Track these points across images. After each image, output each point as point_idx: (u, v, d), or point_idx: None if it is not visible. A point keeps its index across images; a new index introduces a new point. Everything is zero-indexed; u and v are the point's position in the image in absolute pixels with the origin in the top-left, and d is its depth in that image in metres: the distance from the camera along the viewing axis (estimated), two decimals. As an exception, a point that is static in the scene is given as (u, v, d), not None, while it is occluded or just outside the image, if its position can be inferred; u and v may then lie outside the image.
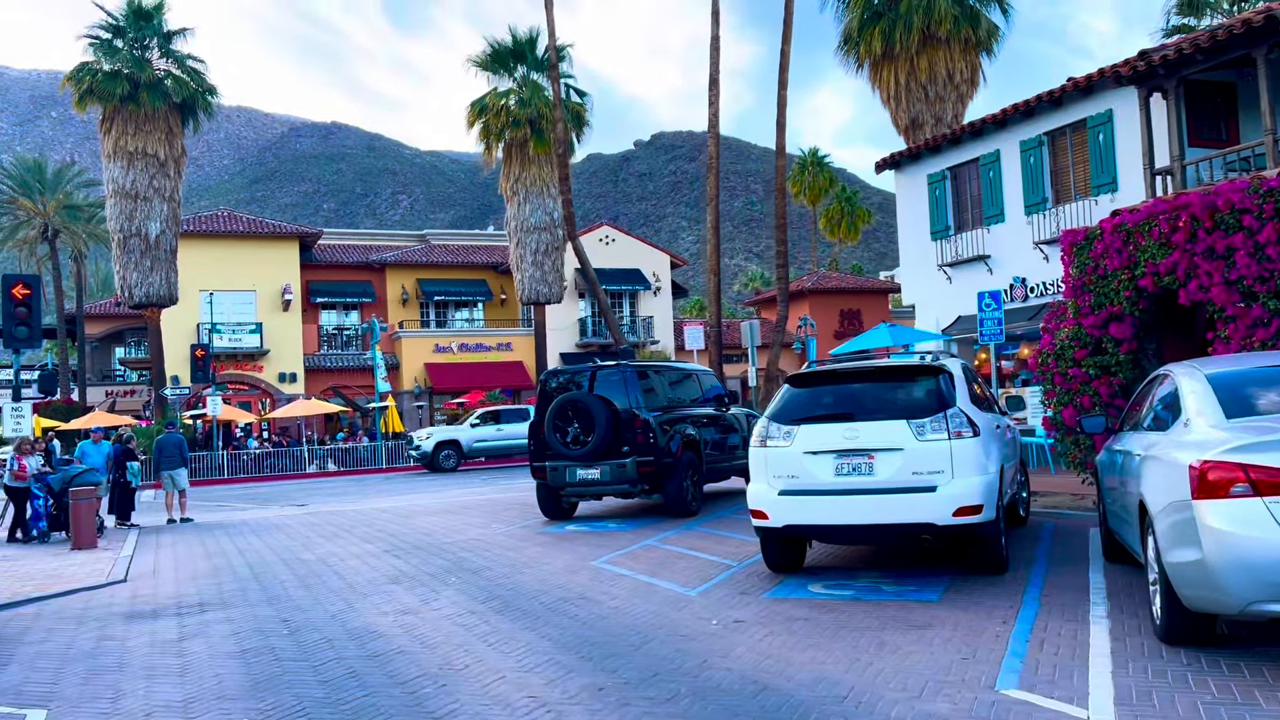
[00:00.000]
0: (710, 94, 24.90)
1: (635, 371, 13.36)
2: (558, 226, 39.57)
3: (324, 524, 16.03)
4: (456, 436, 31.68)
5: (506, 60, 38.56)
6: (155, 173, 33.67)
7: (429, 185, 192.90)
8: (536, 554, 10.92)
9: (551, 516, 14.00)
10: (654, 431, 12.89)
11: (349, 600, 8.84)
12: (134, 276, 33.74)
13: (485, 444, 31.88)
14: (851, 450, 7.82)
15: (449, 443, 31.39)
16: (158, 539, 15.23)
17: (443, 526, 14.23)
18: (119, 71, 33.03)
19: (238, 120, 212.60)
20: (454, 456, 31.13)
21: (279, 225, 45.61)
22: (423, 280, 48.15)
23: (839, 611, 7.14)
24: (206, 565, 11.83)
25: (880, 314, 54.03)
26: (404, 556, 11.39)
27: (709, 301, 25.94)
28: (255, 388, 43.36)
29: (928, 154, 20.26)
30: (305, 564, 11.33)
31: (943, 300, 19.89)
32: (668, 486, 13.05)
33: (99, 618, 8.75)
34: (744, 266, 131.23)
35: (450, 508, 17.43)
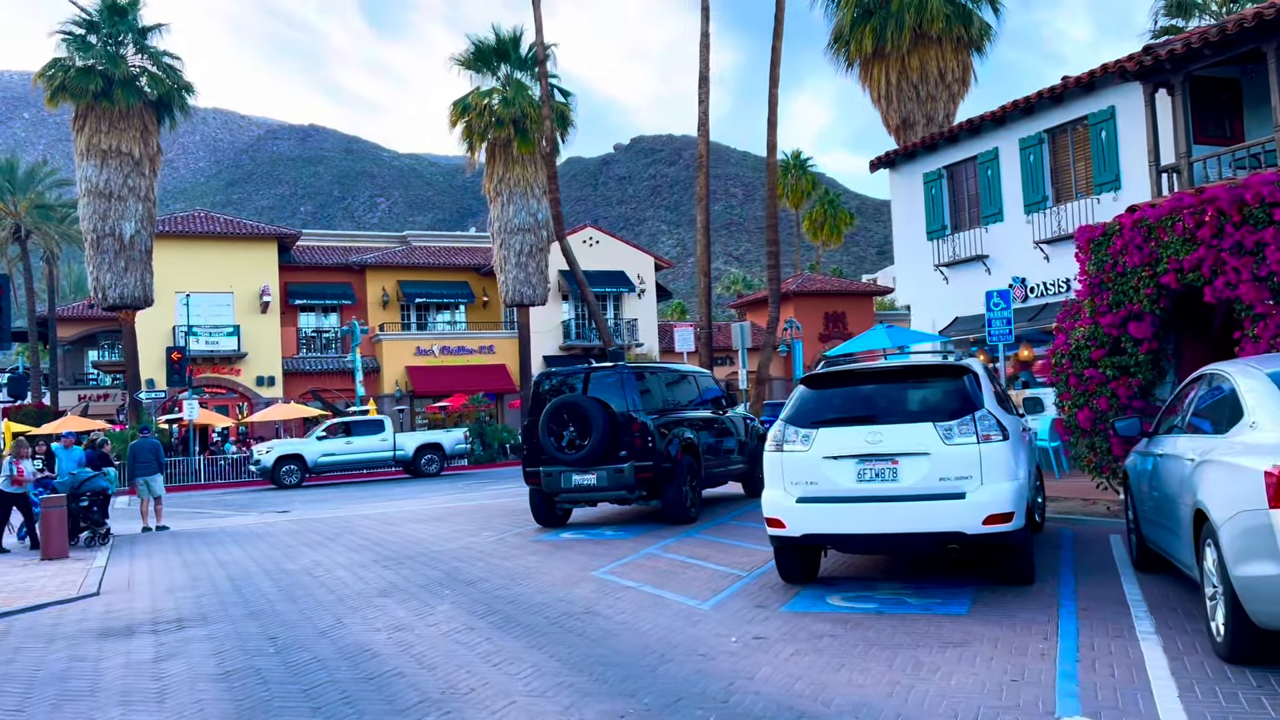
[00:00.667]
0: (700, 91, 24.50)
1: (632, 373, 12.90)
2: (542, 227, 39.08)
3: (307, 532, 15.47)
4: (300, 450, 29.45)
5: (490, 59, 38.03)
6: (130, 171, 32.91)
7: (407, 188, 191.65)
8: (533, 564, 10.44)
9: (545, 524, 13.51)
10: (652, 435, 12.43)
11: (338, 615, 8.33)
12: (108, 278, 32.95)
13: (334, 458, 29.69)
14: (874, 455, 7.39)
15: (291, 457, 29.17)
16: (132, 549, 14.63)
17: (432, 534, 13.71)
18: (92, 68, 32.26)
19: (214, 122, 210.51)
20: (296, 472, 28.83)
21: (257, 226, 44.89)
22: (403, 282, 47.49)
23: (865, 627, 6.70)
24: (184, 577, 11.26)
25: (865, 316, 53.89)
26: (394, 567, 10.87)
27: (700, 302, 25.52)
28: (232, 391, 42.58)
29: (924, 152, 19.94)
30: (290, 575, 10.79)
31: (939, 301, 19.56)
32: (667, 492, 12.59)
33: (70, 635, 8.20)
34: (724, 270, 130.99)
35: (437, 514, 16.91)
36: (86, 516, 15.07)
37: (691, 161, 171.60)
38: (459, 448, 31.97)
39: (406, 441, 30.90)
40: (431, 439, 31.64)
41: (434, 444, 31.20)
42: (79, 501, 14.93)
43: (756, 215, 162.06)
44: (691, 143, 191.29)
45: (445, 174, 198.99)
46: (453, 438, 32.01)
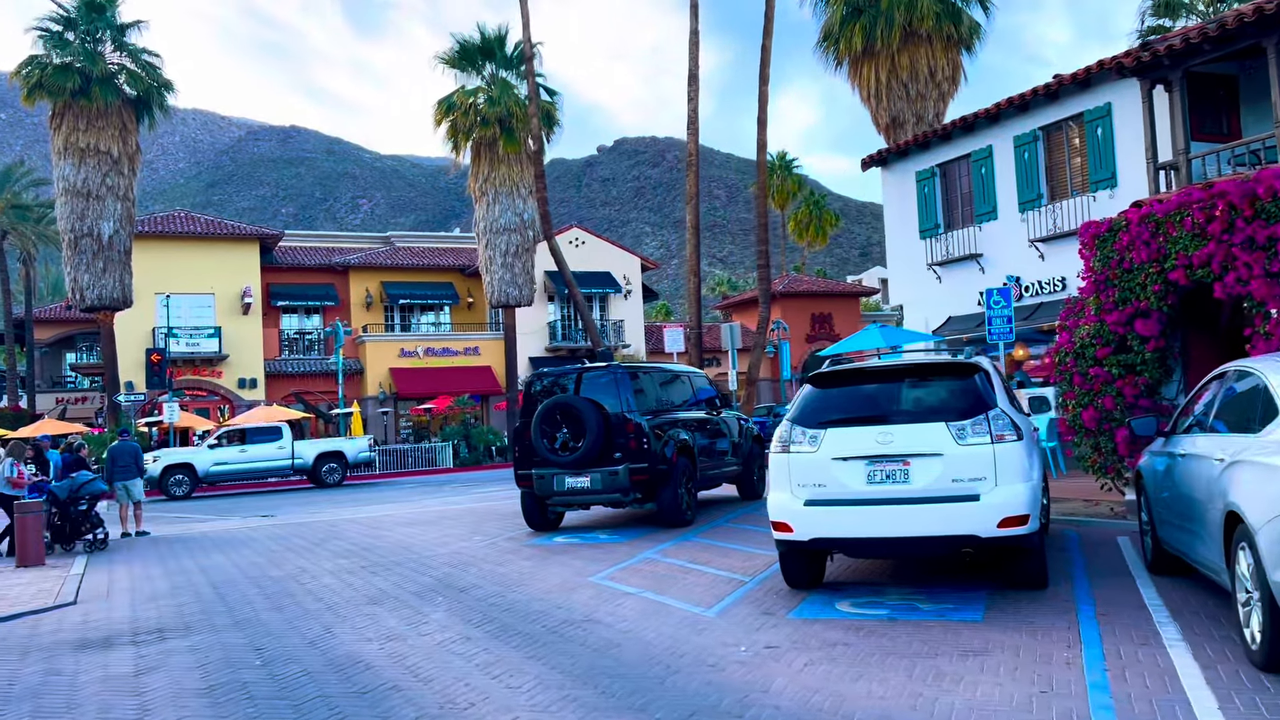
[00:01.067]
0: (689, 90, 24.26)
1: (627, 373, 12.62)
2: (528, 227, 38.76)
3: (292, 537, 15.11)
4: (190, 460, 28.16)
5: (475, 57, 37.68)
6: (108, 170, 32.37)
7: (389, 189, 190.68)
8: (527, 569, 10.14)
9: (537, 527, 13.21)
10: (647, 437, 12.16)
11: (327, 624, 8.01)
12: (85, 278, 32.40)
13: (226, 468, 28.44)
14: (885, 456, 7.15)
15: (180, 466, 27.79)
16: (111, 555, 14.23)
17: (420, 539, 13.39)
18: (70, 65, 31.72)
19: (193, 123, 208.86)
20: (186, 482, 27.62)
21: (238, 226, 44.37)
22: (387, 283, 47.06)
23: (879, 635, 6.45)
24: (165, 584, 10.90)
25: (851, 317, 53.82)
26: (383, 573, 10.55)
27: (689, 303, 25.30)
28: (214, 394, 42.05)
29: (916, 150, 19.76)
30: (275, 582, 10.45)
31: (932, 300, 19.38)
32: (662, 495, 12.32)
33: (46, 647, 7.85)
34: (708, 272, 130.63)
35: (425, 518, 16.58)
36: (86, 520, 14.66)
37: (675, 164, 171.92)
38: (362, 456, 30.81)
39: (306, 450, 29.63)
40: (333, 447, 30.36)
41: (335, 452, 30.01)
42: (78, 505, 14.51)
43: (740, 217, 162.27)
44: (675, 144, 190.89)
45: (428, 175, 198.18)
46: (356, 446, 30.81)
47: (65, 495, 14.37)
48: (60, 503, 14.44)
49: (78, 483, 14.56)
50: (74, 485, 14.51)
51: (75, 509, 14.48)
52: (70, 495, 14.40)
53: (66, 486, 14.48)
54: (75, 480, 14.63)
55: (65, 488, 14.47)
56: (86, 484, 14.60)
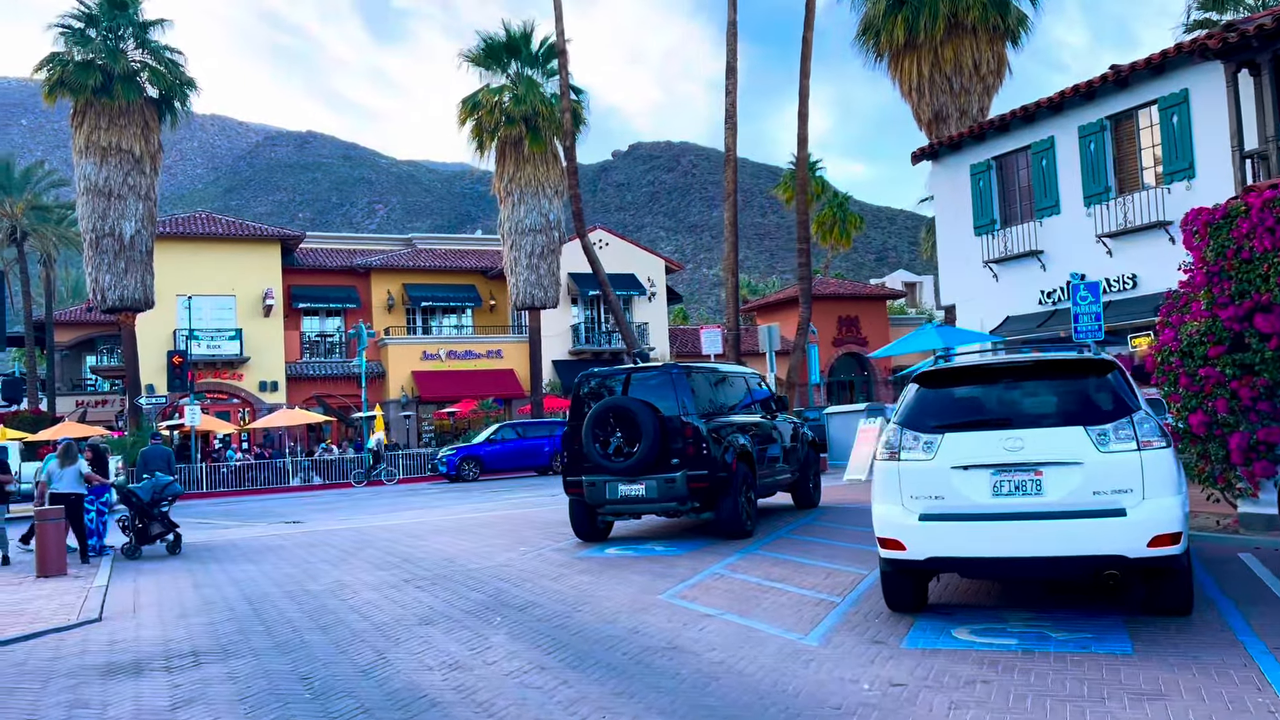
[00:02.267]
0: (728, 83, 23.45)
1: (683, 372, 11.81)
2: (553, 228, 38.06)
3: (323, 545, 14.38)
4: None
5: (500, 55, 37.03)
6: (130, 169, 31.83)
7: (406, 194, 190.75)
8: (586, 585, 9.35)
9: (586, 538, 12.42)
10: (706, 442, 11.36)
11: (379, 649, 7.24)
12: (107, 279, 31.84)
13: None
14: (1014, 465, 6.32)
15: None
16: (137, 564, 13.52)
17: (462, 550, 12.61)
18: (92, 62, 31.20)
19: (211, 129, 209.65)
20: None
21: (260, 228, 43.83)
22: (409, 285, 46.45)
23: (1019, 670, 5.62)
24: (196, 599, 10.16)
25: (879, 321, 52.94)
26: (429, 588, 9.78)
27: (727, 302, 24.47)
28: (234, 397, 41.51)
29: (970, 143, 18.90)
30: (314, 598, 9.69)
31: (988, 299, 18.51)
32: (722, 504, 11.51)
33: (70, 672, 7.11)
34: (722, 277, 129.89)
35: (463, 526, 15.81)
36: (164, 522, 14.34)
37: (690, 168, 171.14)
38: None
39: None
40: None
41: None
42: (159, 506, 14.23)
43: (755, 222, 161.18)
44: (690, 149, 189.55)
45: (443, 180, 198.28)
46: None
47: (149, 497, 14.11)
48: (143, 505, 14.07)
49: (160, 484, 14.27)
50: (156, 486, 14.21)
51: (156, 510, 14.19)
52: (153, 497, 14.15)
53: (149, 488, 14.17)
54: (157, 481, 14.32)
55: (148, 489, 14.14)
56: (168, 485, 14.34)
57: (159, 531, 14.35)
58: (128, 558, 13.99)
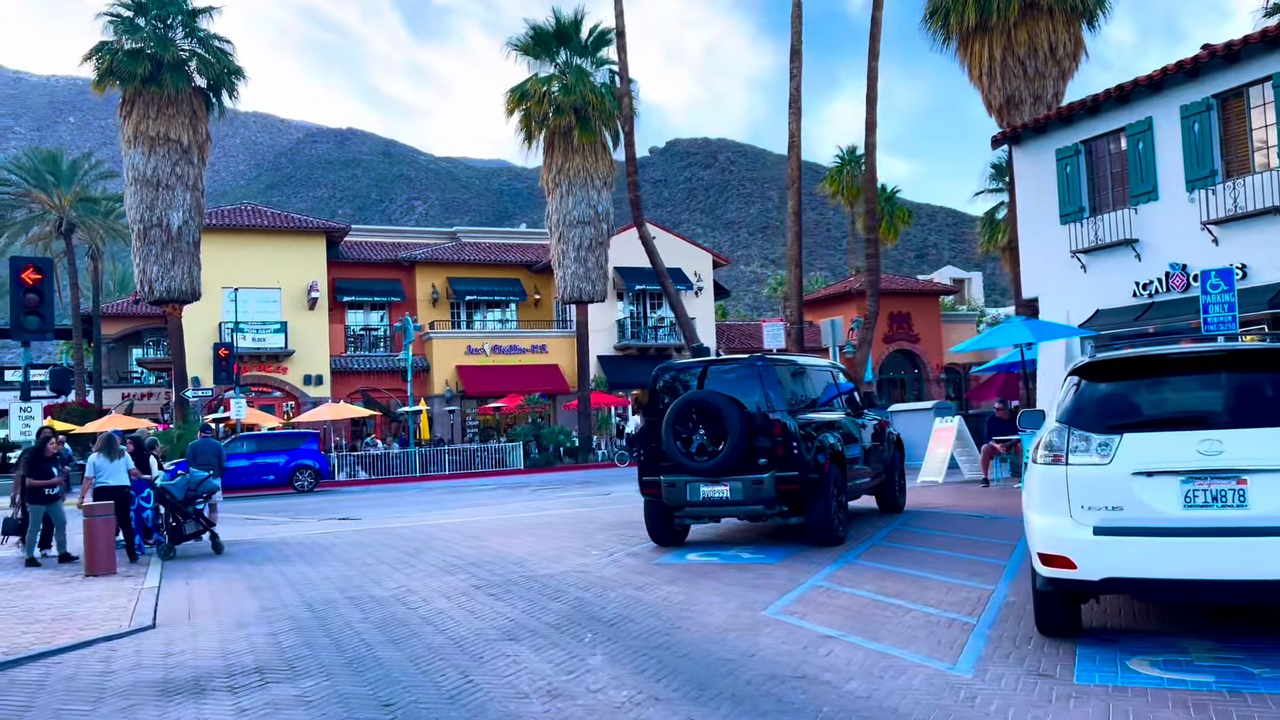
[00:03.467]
0: (792, 66, 22.54)
1: (770, 365, 10.96)
2: (602, 220, 37.30)
3: (380, 545, 13.71)
4: None
5: (550, 43, 36.30)
6: (178, 159, 31.52)
7: (444, 191, 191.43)
8: (677, 597, 8.54)
9: (661, 541, 11.61)
10: (797, 440, 10.50)
11: (463, 669, 6.48)
12: (154, 270, 31.56)
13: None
14: (1211, 471, 5.42)
15: None
16: (187, 564, 12.92)
17: (530, 552, 11.86)
18: (141, 51, 30.90)
19: (253, 125, 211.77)
20: None
21: (305, 220, 43.53)
22: (453, 279, 45.93)
23: (1231, 717, 4.73)
24: (253, 604, 9.48)
25: (930, 317, 51.73)
26: (504, 596, 9.02)
27: (790, 295, 23.56)
28: (279, 390, 41.22)
29: (1057, 125, 17.85)
30: (380, 604, 8.97)
31: (1075, 291, 17.46)
32: (812, 508, 10.64)
33: (123, 690, 6.42)
34: (759, 274, 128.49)
35: (524, 526, 15.08)
36: (199, 520, 13.77)
37: (727, 165, 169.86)
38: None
39: None
40: None
41: None
42: (194, 504, 13.65)
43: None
44: (727, 146, 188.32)
45: (482, 177, 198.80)
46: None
47: (182, 494, 13.50)
48: (177, 502, 13.49)
49: (195, 480, 13.65)
50: (191, 483, 13.59)
51: (191, 507, 13.61)
52: (188, 494, 13.54)
53: (183, 485, 13.55)
54: (192, 477, 13.69)
55: (182, 486, 13.52)
56: (203, 482, 13.70)
57: (193, 530, 13.72)
58: (162, 558, 13.38)
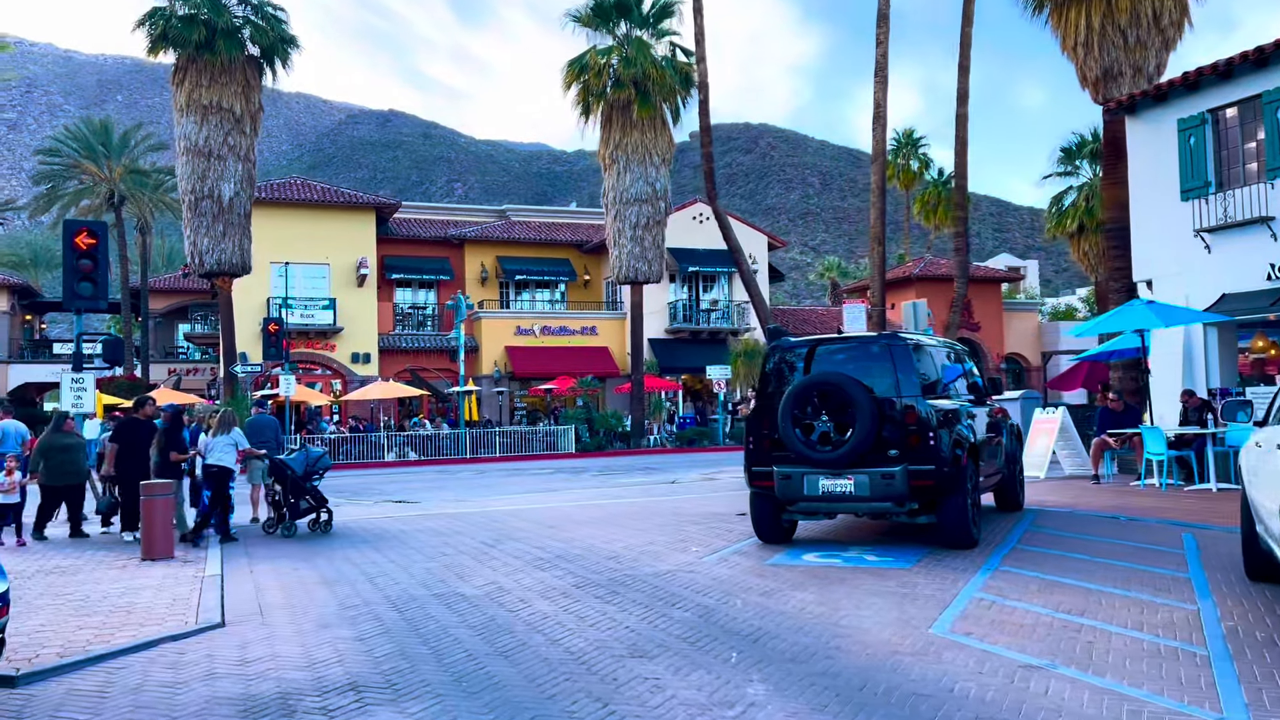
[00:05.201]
0: (879, 32, 21.18)
1: (905, 345, 9.78)
2: (659, 198, 36.13)
3: (453, 533, 12.74)
4: None
5: (610, 15, 35.13)
6: (230, 129, 30.76)
7: (484, 174, 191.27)
8: (815, 607, 7.43)
9: (768, 539, 10.51)
10: (933, 430, 9.33)
11: (596, 694, 5.43)
12: (205, 242, 30.87)
13: None
14: None
15: None
16: (248, 549, 12.03)
17: (623, 547, 10.81)
18: (195, 17, 30.12)
19: (297, 106, 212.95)
20: None
21: (355, 195, 42.74)
22: (503, 258, 45.07)
23: None
24: (330, 600, 8.51)
25: (992, 304, 50.17)
26: (612, 599, 7.97)
27: (873, 275, 22.27)
28: (326, 368, 40.57)
29: (1181, 93, 16.41)
30: (474, 606, 7.95)
31: (1197, 273, 16.06)
32: (947, 506, 9.48)
33: (199, 709, 5.44)
34: (798, 260, 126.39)
35: (602, 515, 14.05)
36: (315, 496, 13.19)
37: (767, 150, 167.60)
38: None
39: None
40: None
41: None
42: (310, 480, 13.08)
43: (834, 205, 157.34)
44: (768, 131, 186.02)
45: (521, 160, 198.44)
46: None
47: (302, 470, 12.91)
48: (298, 478, 12.88)
49: (312, 456, 13.10)
50: (309, 459, 13.03)
51: (309, 484, 13.02)
52: (306, 470, 12.95)
53: (302, 460, 12.99)
54: (310, 454, 13.16)
55: (301, 461, 12.95)
56: (320, 458, 13.17)
57: (308, 507, 13.13)
58: (284, 535, 12.94)
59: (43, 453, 12.87)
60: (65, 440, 13.02)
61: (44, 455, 12.85)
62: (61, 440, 12.98)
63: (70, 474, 13.00)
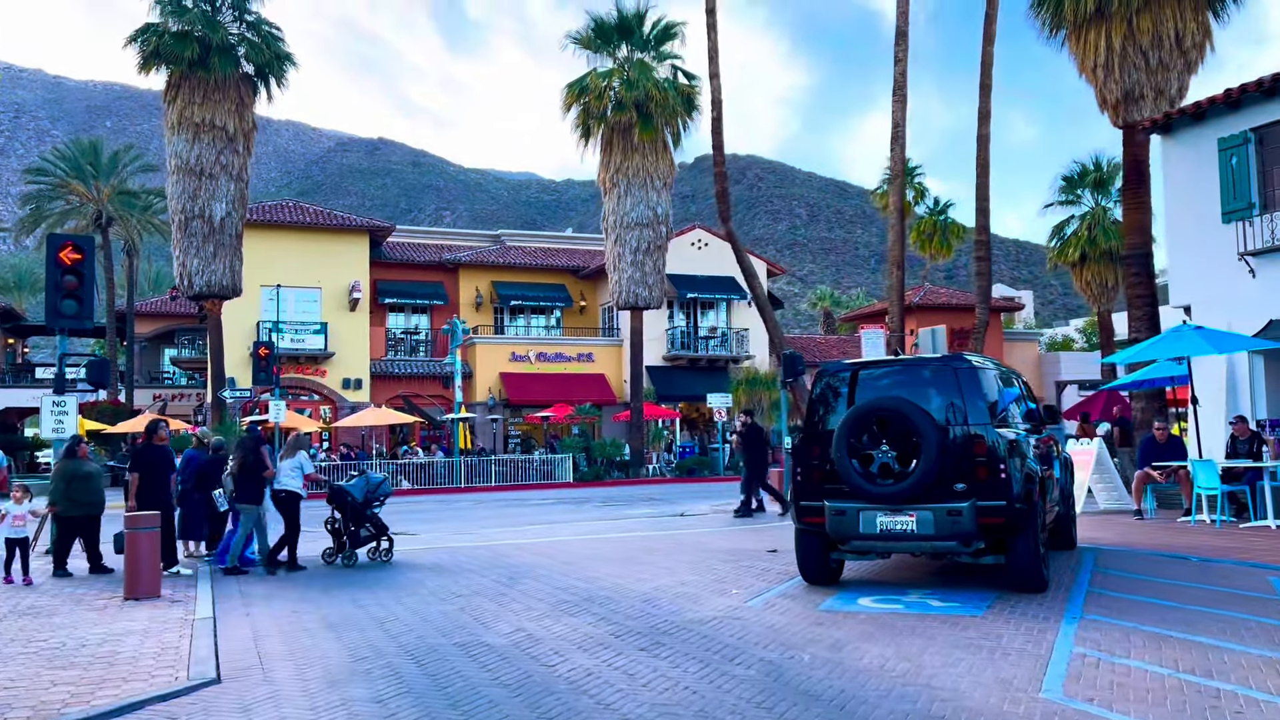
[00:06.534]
0: (897, 49, 20.58)
1: (972, 369, 8.96)
2: (660, 223, 35.40)
3: (458, 568, 11.82)
4: None
5: (611, 36, 34.53)
6: (223, 148, 29.94)
7: (472, 202, 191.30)
8: (896, 664, 6.54)
9: (814, 580, 9.61)
10: (1004, 461, 8.49)
11: (678, 780, 4.52)
12: (194, 263, 29.95)
13: None
14: None
15: None
16: (241, 587, 11.06)
17: (655, 587, 9.90)
18: (188, 33, 29.37)
19: (286, 134, 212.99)
20: None
21: (348, 218, 41.92)
22: (498, 283, 44.27)
23: None
24: (338, 649, 7.56)
25: (994, 334, 49.49)
26: (659, 652, 7.06)
27: (891, 299, 21.52)
28: (316, 394, 39.52)
29: (1221, 111, 15.77)
30: (504, 659, 7.02)
31: (1240, 299, 15.35)
32: (1018, 546, 8.62)
33: (195, 794, 4.50)
34: (786, 290, 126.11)
35: (622, 552, 13.12)
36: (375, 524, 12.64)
37: (755, 181, 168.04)
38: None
39: None
40: None
41: None
42: (371, 507, 12.54)
43: (821, 236, 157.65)
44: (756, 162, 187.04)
45: (510, 189, 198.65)
46: None
47: (363, 497, 12.38)
48: (358, 505, 12.37)
49: (373, 483, 12.64)
50: (369, 485, 12.55)
51: (369, 510, 12.49)
52: (366, 497, 12.42)
53: (362, 486, 12.50)
54: (370, 479, 12.69)
55: (361, 488, 12.47)
56: (380, 484, 12.72)
57: (368, 535, 12.54)
58: (345, 565, 12.35)
59: (65, 480, 11.87)
60: (84, 468, 12.00)
61: (65, 483, 11.86)
62: (80, 468, 11.96)
63: (87, 504, 11.95)
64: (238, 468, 12.15)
